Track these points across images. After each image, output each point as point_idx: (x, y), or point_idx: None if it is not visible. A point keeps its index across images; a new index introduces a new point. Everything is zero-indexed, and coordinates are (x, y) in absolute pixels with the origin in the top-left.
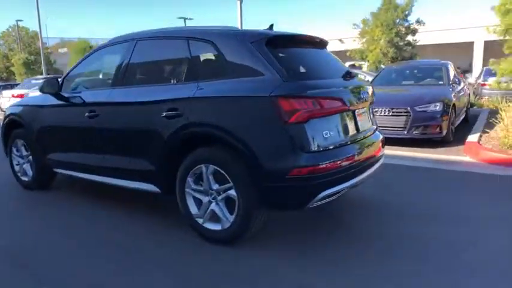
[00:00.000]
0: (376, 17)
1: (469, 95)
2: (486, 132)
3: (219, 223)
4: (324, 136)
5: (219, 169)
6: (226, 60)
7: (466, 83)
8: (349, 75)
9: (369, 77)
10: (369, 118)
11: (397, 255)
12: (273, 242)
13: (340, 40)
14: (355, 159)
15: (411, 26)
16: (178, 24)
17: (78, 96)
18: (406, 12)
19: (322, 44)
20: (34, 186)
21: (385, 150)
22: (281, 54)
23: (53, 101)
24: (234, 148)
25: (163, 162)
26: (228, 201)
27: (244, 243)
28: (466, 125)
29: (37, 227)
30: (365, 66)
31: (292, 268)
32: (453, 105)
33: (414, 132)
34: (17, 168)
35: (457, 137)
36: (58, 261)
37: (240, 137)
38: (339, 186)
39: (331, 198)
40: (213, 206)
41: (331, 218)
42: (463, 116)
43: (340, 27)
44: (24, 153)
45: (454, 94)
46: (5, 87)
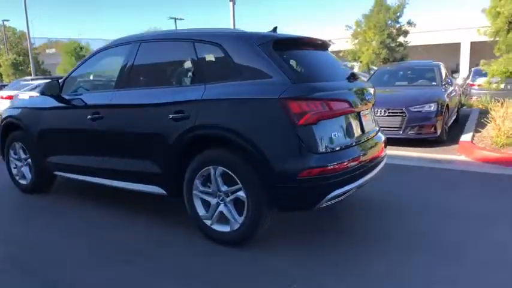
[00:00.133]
0: (368, 19)
1: (460, 95)
2: (478, 131)
3: (227, 225)
4: (332, 137)
5: (227, 171)
6: (234, 62)
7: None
8: (353, 77)
9: (363, 78)
10: (372, 119)
11: (404, 253)
12: (281, 242)
13: (329, 41)
14: (362, 160)
15: (402, 27)
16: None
17: (80, 98)
18: (397, 14)
19: (324, 46)
20: (33, 190)
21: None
22: (288, 57)
23: (54, 103)
24: (243, 150)
25: (169, 164)
26: (237, 202)
27: (253, 244)
28: (457, 124)
29: (40, 232)
30: (356, 67)
31: (302, 269)
32: (446, 105)
33: (409, 132)
34: (14, 171)
35: (450, 137)
36: (67, 266)
37: (250, 139)
38: (348, 187)
39: (340, 199)
40: (221, 207)
41: (334, 218)
42: (455, 116)
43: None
44: (23, 156)
45: (447, 94)
46: None
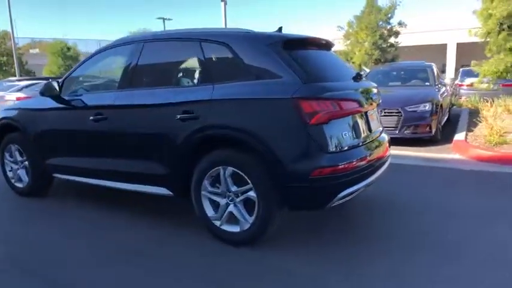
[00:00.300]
0: (359, 20)
1: (451, 95)
2: (470, 130)
3: (237, 225)
4: (343, 137)
5: (238, 171)
6: (242, 62)
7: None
8: (359, 77)
9: None
10: (377, 119)
11: (406, 252)
12: (286, 241)
13: None
14: (370, 159)
15: (393, 28)
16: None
17: (82, 98)
18: (388, 15)
19: (328, 46)
20: (30, 193)
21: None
22: (297, 56)
23: (53, 104)
24: (254, 150)
25: (177, 165)
26: (246, 202)
27: (258, 243)
28: (449, 124)
29: (40, 232)
30: None
31: (306, 267)
32: (440, 105)
33: (405, 132)
34: (10, 174)
35: (443, 136)
36: (67, 266)
37: (261, 139)
38: (358, 185)
39: (349, 198)
40: (231, 207)
41: (336, 217)
42: (447, 115)
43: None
44: (19, 158)
45: (440, 94)
46: None
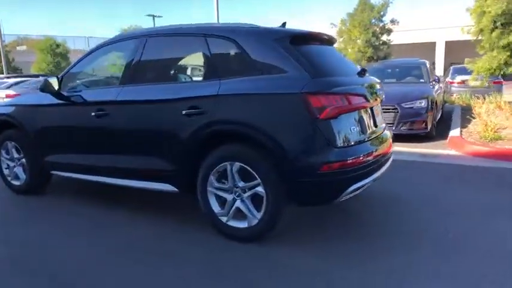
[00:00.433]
0: (352, 17)
1: (444, 92)
2: (464, 127)
3: (244, 220)
4: (351, 132)
5: (246, 166)
6: (249, 57)
7: None
8: (363, 72)
9: None
10: (381, 115)
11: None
12: (289, 237)
13: None
14: (377, 154)
15: (386, 25)
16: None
17: (82, 94)
18: (381, 13)
19: (331, 41)
20: (27, 191)
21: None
22: (304, 52)
23: (52, 100)
24: (263, 145)
25: (182, 161)
26: (253, 198)
27: (268, 239)
28: (442, 120)
29: (40, 232)
30: None
31: (316, 262)
32: (435, 101)
33: (402, 128)
34: (6, 172)
35: (438, 132)
36: (69, 265)
37: (270, 134)
38: (366, 180)
39: (356, 193)
40: (238, 203)
41: (338, 212)
42: (441, 112)
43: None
44: (16, 155)
45: (435, 91)
46: None
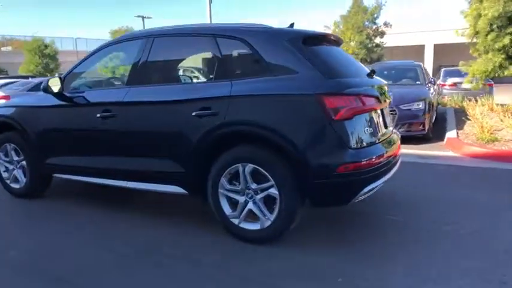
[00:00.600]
0: (345, 20)
1: (438, 94)
2: (460, 128)
3: (256, 222)
4: (365, 133)
5: (259, 168)
6: (262, 58)
7: None
8: (372, 74)
9: None
10: (390, 116)
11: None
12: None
13: None
14: (388, 155)
15: (379, 28)
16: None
17: (86, 95)
18: (374, 15)
19: (339, 42)
20: (27, 194)
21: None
22: (317, 53)
23: (54, 101)
24: (277, 146)
25: (193, 162)
26: (266, 199)
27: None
28: (436, 122)
29: (51, 237)
30: None
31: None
32: (432, 103)
33: (400, 130)
34: (5, 175)
35: (434, 134)
36: (85, 270)
37: (285, 135)
38: (379, 181)
39: (369, 194)
40: (250, 205)
41: (347, 212)
42: (435, 114)
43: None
44: (15, 158)
45: (431, 93)
46: None
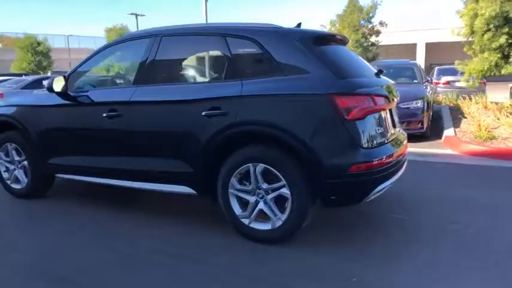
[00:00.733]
0: (342, 19)
1: (433, 92)
2: (456, 126)
3: (267, 222)
4: (376, 132)
5: (270, 168)
6: (272, 58)
7: None
8: (380, 73)
9: None
10: (397, 116)
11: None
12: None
13: None
14: (398, 155)
15: (375, 27)
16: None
17: (91, 95)
18: (370, 15)
19: (345, 42)
20: (28, 194)
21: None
22: (327, 52)
23: (59, 100)
24: (289, 146)
25: (202, 162)
26: (276, 199)
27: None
28: (432, 120)
29: (54, 238)
30: None
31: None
32: (430, 102)
33: None
34: (5, 175)
35: (431, 132)
36: (100, 273)
37: (297, 135)
38: (390, 181)
39: (380, 193)
40: (260, 205)
41: (351, 212)
42: (431, 112)
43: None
44: (16, 158)
45: (428, 92)
46: None
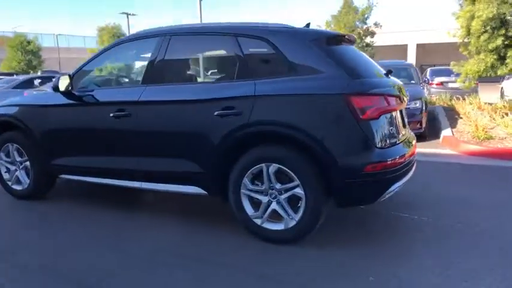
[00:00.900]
0: (337, 19)
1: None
2: (453, 126)
3: (280, 223)
4: (390, 132)
5: (284, 168)
6: (285, 58)
7: None
8: (390, 74)
9: None
10: (406, 116)
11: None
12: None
13: None
14: (409, 154)
15: (369, 28)
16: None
17: (97, 94)
18: (365, 16)
19: (353, 42)
20: (30, 195)
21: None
22: (340, 53)
23: (63, 100)
24: (303, 146)
25: (213, 163)
26: (291, 199)
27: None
28: (428, 120)
29: (61, 239)
30: None
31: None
32: (428, 102)
33: None
34: (6, 176)
35: (429, 132)
36: (109, 274)
37: (312, 135)
38: (402, 180)
39: (392, 193)
40: (273, 205)
41: (362, 211)
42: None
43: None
44: (18, 158)
45: (425, 92)
46: None
